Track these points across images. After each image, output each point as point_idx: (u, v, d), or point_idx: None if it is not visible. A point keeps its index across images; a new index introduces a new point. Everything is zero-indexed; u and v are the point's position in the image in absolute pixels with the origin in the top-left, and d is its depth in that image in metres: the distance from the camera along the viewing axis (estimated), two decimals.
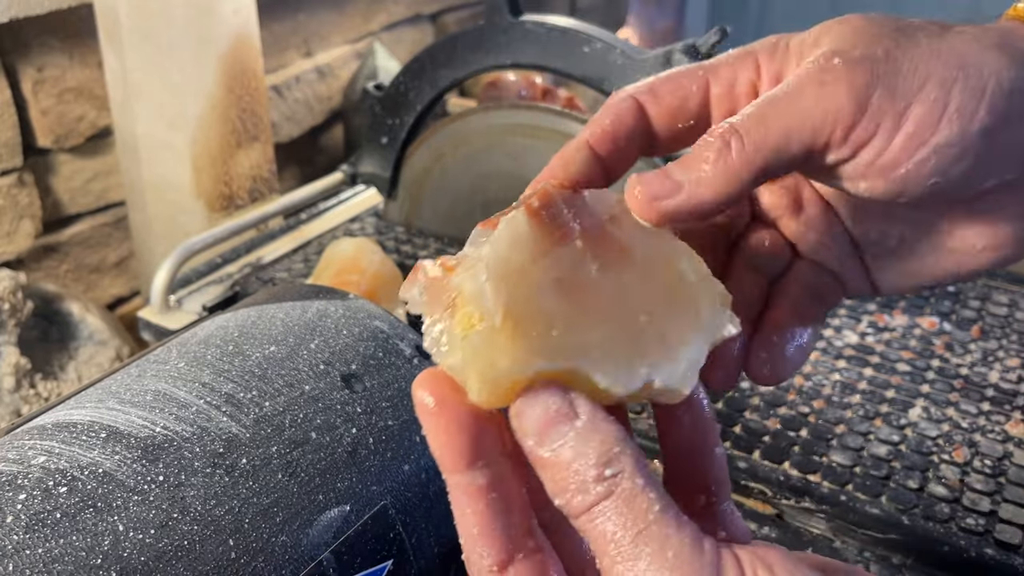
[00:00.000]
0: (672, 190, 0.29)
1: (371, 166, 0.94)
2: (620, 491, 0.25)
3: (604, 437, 0.26)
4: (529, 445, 0.26)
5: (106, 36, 0.90)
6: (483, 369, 0.27)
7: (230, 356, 0.46)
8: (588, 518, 0.25)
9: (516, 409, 0.27)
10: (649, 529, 0.24)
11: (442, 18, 1.52)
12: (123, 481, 0.38)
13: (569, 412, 0.26)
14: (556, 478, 0.26)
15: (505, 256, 0.28)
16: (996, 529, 0.56)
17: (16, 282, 0.78)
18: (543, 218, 0.29)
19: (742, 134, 0.29)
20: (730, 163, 0.29)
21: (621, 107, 0.32)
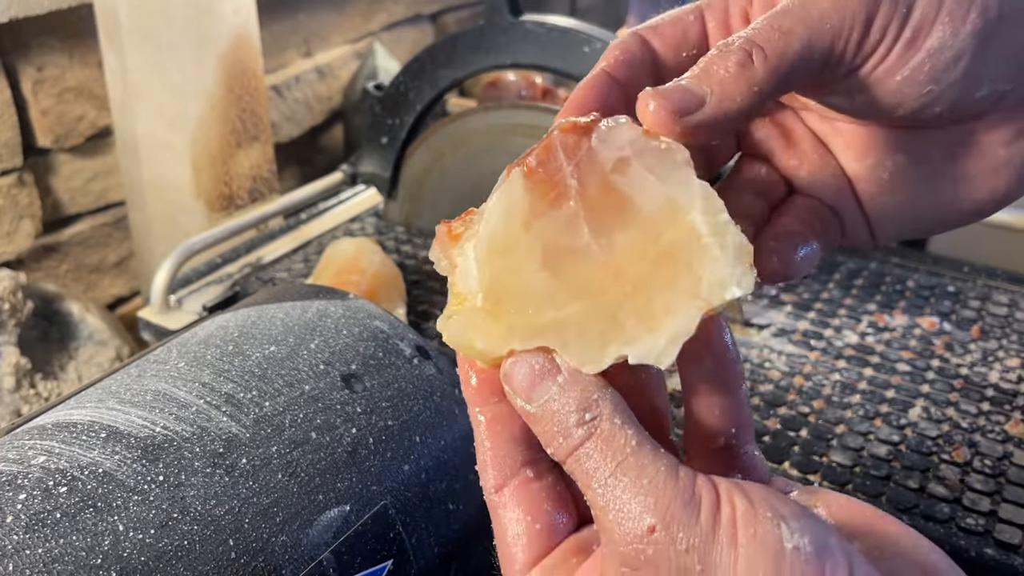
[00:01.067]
0: (695, 103, 0.29)
1: (371, 166, 0.94)
2: (599, 432, 0.27)
3: (584, 386, 0.28)
4: (519, 404, 0.28)
5: (106, 36, 0.90)
6: (465, 348, 0.29)
7: (230, 356, 0.46)
8: (573, 460, 0.27)
9: (504, 373, 0.29)
10: (626, 461, 0.26)
11: (442, 18, 1.52)
12: (123, 481, 0.38)
13: (551, 368, 0.28)
14: (544, 430, 0.28)
15: (495, 230, 0.29)
16: (996, 529, 0.56)
17: (16, 282, 0.78)
18: (539, 178, 0.29)
19: (763, 45, 0.28)
20: (753, 73, 0.28)
21: (627, 41, 0.33)
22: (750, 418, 0.32)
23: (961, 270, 0.86)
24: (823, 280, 0.85)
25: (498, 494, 0.31)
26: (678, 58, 0.32)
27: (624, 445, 0.26)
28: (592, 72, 0.32)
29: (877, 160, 0.33)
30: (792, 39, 0.28)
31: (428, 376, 0.50)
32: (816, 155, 0.35)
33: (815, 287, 0.84)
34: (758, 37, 0.29)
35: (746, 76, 0.29)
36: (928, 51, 0.29)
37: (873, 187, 0.34)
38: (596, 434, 0.27)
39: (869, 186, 0.34)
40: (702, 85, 0.29)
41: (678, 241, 0.28)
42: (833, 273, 0.86)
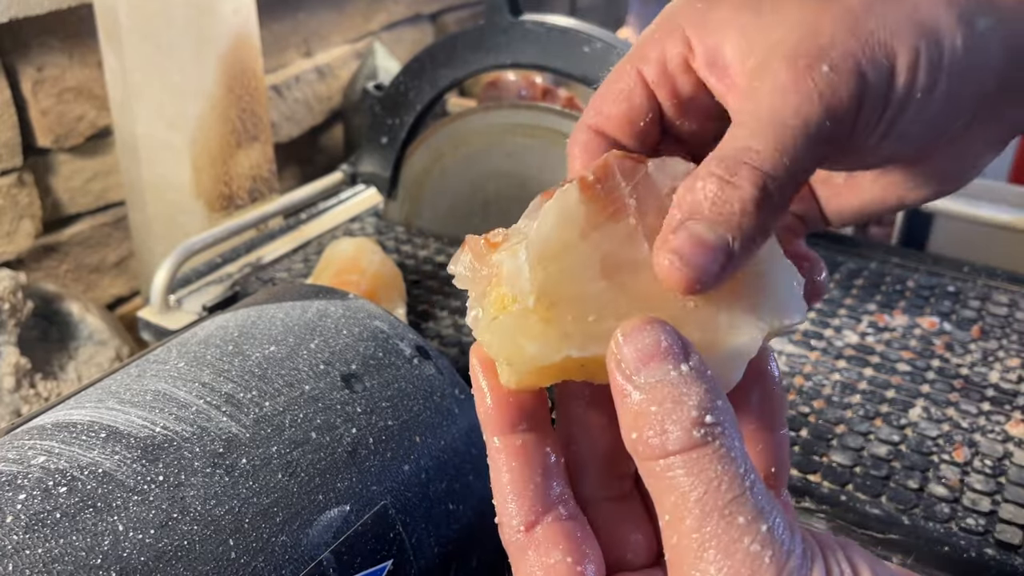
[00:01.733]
0: (723, 260, 0.26)
1: (371, 166, 0.94)
2: (719, 445, 0.23)
3: (710, 387, 0.24)
4: (618, 380, 0.25)
5: (106, 36, 0.90)
6: (511, 354, 0.27)
7: (230, 356, 0.46)
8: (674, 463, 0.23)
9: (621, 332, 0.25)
10: (745, 496, 0.23)
11: (442, 18, 1.52)
12: (123, 481, 0.38)
13: (680, 352, 0.25)
14: (644, 411, 0.24)
15: (549, 234, 0.27)
16: (996, 529, 0.56)
17: (16, 282, 0.78)
18: (597, 192, 0.27)
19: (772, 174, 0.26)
20: (773, 205, 0.26)
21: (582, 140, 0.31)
22: (788, 461, 0.31)
23: (961, 270, 0.86)
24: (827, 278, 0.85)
25: (527, 533, 0.27)
26: (635, 130, 0.31)
27: (744, 476, 0.23)
28: None
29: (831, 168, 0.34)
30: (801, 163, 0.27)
31: (428, 376, 0.50)
32: None
33: None
34: (767, 164, 0.26)
35: (764, 211, 0.26)
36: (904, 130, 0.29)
37: (829, 190, 0.35)
38: (714, 447, 0.23)
39: (825, 189, 0.35)
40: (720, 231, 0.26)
41: None
42: (833, 273, 0.86)
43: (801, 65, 0.27)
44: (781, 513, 0.23)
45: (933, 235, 0.99)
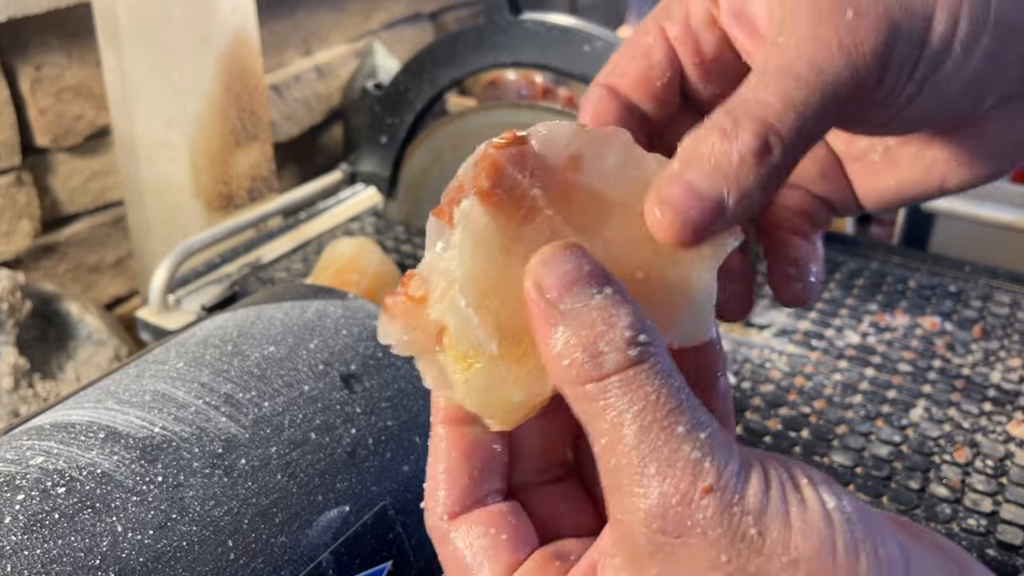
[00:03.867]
0: (714, 211, 0.25)
1: (371, 165, 0.94)
2: (654, 361, 0.23)
3: (635, 309, 0.23)
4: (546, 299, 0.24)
5: (105, 35, 0.90)
6: (497, 405, 0.25)
7: (229, 356, 0.45)
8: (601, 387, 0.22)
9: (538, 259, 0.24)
10: (682, 407, 0.22)
11: (442, 17, 1.52)
12: (121, 482, 0.37)
13: (601, 277, 0.24)
14: (573, 337, 0.23)
15: (474, 268, 0.25)
16: (998, 530, 0.56)
17: (14, 282, 0.78)
18: (499, 198, 0.25)
19: (779, 128, 0.25)
20: (773, 161, 0.25)
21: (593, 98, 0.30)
22: (732, 409, 0.30)
23: (963, 270, 0.86)
24: (824, 280, 0.85)
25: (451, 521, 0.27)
26: (651, 91, 0.30)
27: (680, 389, 0.23)
28: None
29: (869, 143, 0.32)
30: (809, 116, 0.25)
31: None
32: None
33: None
34: (771, 115, 0.25)
35: (764, 166, 0.25)
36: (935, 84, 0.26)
37: (863, 167, 0.32)
38: (650, 363, 0.22)
39: (860, 166, 0.32)
40: (716, 183, 0.25)
41: None
42: (834, 273, 0.86)
43: (824, 10, 0.25)
44: (717, 425, 0.23)
45: (934, 235, 0.99)
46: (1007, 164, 0.30)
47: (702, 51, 0.29)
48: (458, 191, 0.26)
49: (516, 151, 0.26)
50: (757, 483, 0.22)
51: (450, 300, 0.25)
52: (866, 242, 0.93)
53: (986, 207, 0.89)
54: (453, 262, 0.25)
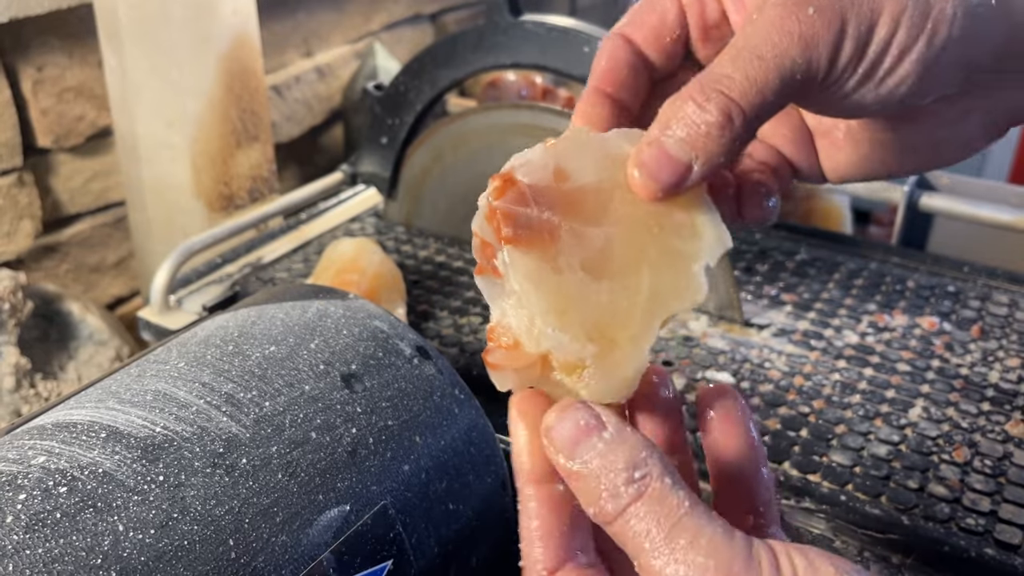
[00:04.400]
0: (682, 173, 0.30)
1: (371, 166, 0.94)
2: (650, 491, 0.26)
3: (632, 444, 0.27)
4: (560, 461, 0.28)
5: (106, 36, 0.90)
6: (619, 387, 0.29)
7: (230, 356, 0.46)
8: (622, 520, 0.26)
9: (545, 426, 0.28)
10: (681, 522, 0.25)
11: (442, 18, 1.52)
12: (123, 481, 0.38)
13: (597, 424, 0.27)
14: (588, 488, 0.27)
15: (540, 298, 0.29)
16: (996, 529, 0.56)
17: (16, 282, 0.78)
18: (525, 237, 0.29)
19: (739, 101, 0.29)
20: (733, 131, 0.29)
21: (610, 45, 0.34)
22: (775, 497, 0.33)
23: (961, 270, 0.86)
24: (823, 280, 0.85)
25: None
26: (661, 44, 0.34)
27: (677, 506, 0.26)
28: (584, 92, 0.34)
29: (833, 123, 0.36)
30: (767, 93, 0.29)
31: (428, 376, 0.50)
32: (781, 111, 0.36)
33: (815, 287, 0.84)
34: (733, 91, 0.29)
35: (727, 136, 0.29)
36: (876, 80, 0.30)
37: (828, 142, 0.36)
38: (648, 494, 0.26)
39: (826, 141, 0.36)
40: (684, 148, 0.29)
41: None
42: (833, 273, 0.86)
43: (791, 4, 0.29)
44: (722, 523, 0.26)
45: (933, 235, 0.99)
46: (948, 157, 0.35)
47: (706, 17, 0.34)
48: (485, 247, 0.30)
49: (514, 193, 0.30)
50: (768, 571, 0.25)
51: (538, 332, 0.29)
52: (865, 242, 0.93)
53: (985, 207, 0.89)
54: (521, 303, 0.30)
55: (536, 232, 0.29)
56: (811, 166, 0.37)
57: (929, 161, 0.35)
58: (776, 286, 0.84)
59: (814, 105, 0.32)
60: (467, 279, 0.85)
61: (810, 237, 0.93)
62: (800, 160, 0.37)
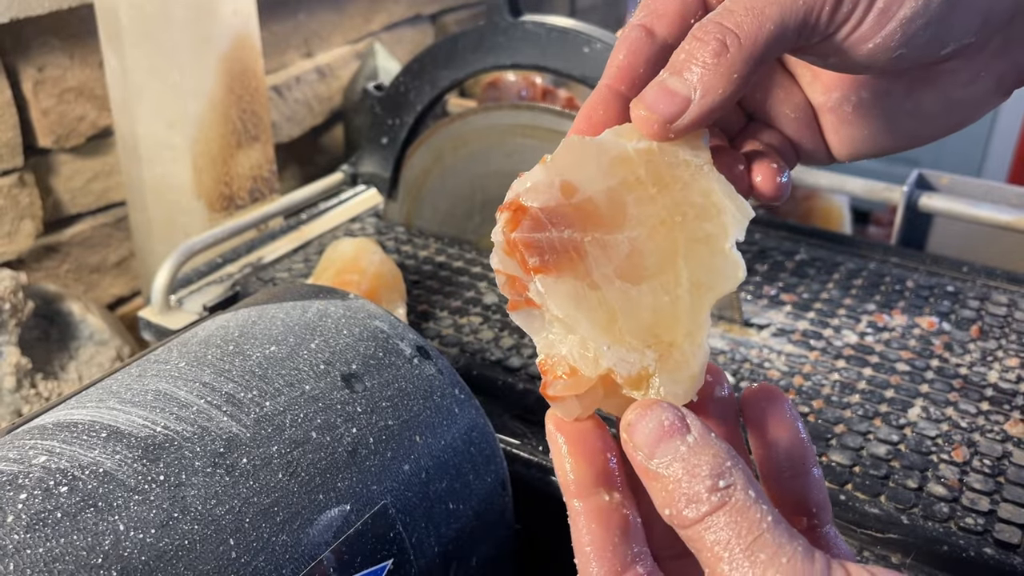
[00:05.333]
0: (681, 106, 0.29)
1: (371, 166, 0.94)
2: (734, 502, 0.26)
3: (716, 451, 0.26)
4: (639, 458, 0.27)
5: (106, 36, 0.90)
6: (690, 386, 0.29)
7: (231, 356, 0.46)
8: (702, 527, 0.26)
9: (627, 422, 0.27)
10: (763, 537, 0.25)
11: (442, 18, 1.53)
12: (124, 481, 0.38)
13: (682, 427, 0.27)
14: (667, 489, 0.26)
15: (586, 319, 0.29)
16: (995, 528, 0.56)
17: (17, 282, 0.78)
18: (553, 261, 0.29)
19: (735, 30, 0.29)
20: (731, 61, 0.29)
21: (631, 37, 0.32)
22: (828, 498, 0.33)
23: (960, 270, 0.87)
24: (822, 280, 0.85)
25: None
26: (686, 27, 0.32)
27: (760, 520, 0.26)
28: (597, 89, 0.33)
29: (843, 94, 0.34)
30: (765, 21, 0.29)
31: (428, 376, 0.50)
32: (781, 89, 0.35)
33: (814, 287, 0.84)
34: (730, 21, 0.29)
35: (724, 66, 0.29)
36: (900, 20, 0.29)
37: (837, 117, 0.35)
38: (730, 504, 0.26)
39: (834, 116, 0.35)
40: (685, 82, 0.29)
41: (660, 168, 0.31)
42: (832, 273, 0.86)
43: None
44: (802, 542, 0.25)
45: (932, 235, 0.99)
46: (966, 118, 0.34)
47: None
48: (513, 282, 0.30)
49: (529, 220, 0.29)
50: None
51: (595, 354, 0.29)
52: (864, 242, 0.93)
53: (984, 207, 0.89)
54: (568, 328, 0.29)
55: (562, 254, 0.29)
56: (816, 145, 0.36)
57: (941, 127, 0.34)
58: (776, 286, 0.84)
59: (825, 54, 0.31)
60: (467, 279, 0.85)
61: (810, 237, 0.93)
62: (804, 140, 0.36)
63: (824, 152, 0.36)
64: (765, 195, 0.34)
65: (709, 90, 0.29)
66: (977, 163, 1.85)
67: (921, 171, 0.99)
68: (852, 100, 0.34)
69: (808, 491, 0.32)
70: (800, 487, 0.32)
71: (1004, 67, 0.32)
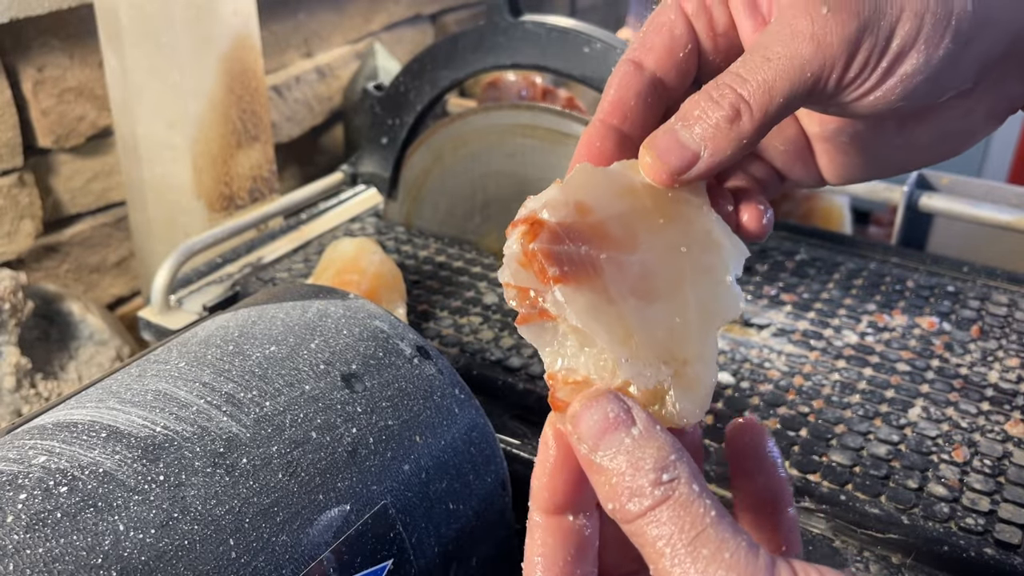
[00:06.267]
0: (690, 161, 0.31)
1: (371, 166, 0.94)
2: (677, 495, 0.25)
3: (661, 444, 0.26)
4: (583, 451, 0.27)
5: (106, 36, 0.90)
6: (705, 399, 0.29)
7: (230, 356, 0.46)
8: (644, 522, 0.25)
9: (572, 413, 0.27)
10: (706, 532, 0.25)
11: (442, 18, 1.52)
12: (123, 481, 0.38)
13: (626, 419, 0.27)
14: (611, 483, 0.26)
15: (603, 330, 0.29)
16: (996, 529, 0.56)
17: (17, 282, 0.78)
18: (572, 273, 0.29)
19: (749, 101, 0.30)
20: (742, 129, 0.30)
21: (620, 72, 0.33)
22: (799, 536, 0.33)
23: (961, 270, 0.86)
24: (823, 280, 0.85)
25: None
26: (674, 61, 0.34)
27: (703, 515, 0.25)
28: (591, 125, 0.34)
29: (839, 127, 0.35)
30: (775, 94, 0.30)
31: (428, 376, 0.50)
32: None
33: (815, 287, 0.84)
34: (744, 90, 0.30)
35: (735, 132, 0.30)
36: (901, 76, 0.30)
37: (833, 147, 0.36)
38: (674, 498, 0.25)
39: (829, 145, 0.36)
40: (695, 139, 0.31)
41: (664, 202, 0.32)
42: (833, 273, 0.86)
43: (805, 5, 0.29)
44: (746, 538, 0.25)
45: (933, 235, 0.99)
46: (958, 148, 0.35)
47: (715, 26, 0.33)
48: (524, 294, 0.30)
49: (547, 232, 0.30)
50: None
51: (612, 366, 0.29)
52: (864, 242, 0.93)
53: (984, 207, 0.89)
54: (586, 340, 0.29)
55: (581, 266, 0.29)
56: (806, 175, 0.37)
57: (934, 156, 0.35)
58: (776, 286, 0.84)
59: (830, 106, 0.32)
60: (467, 279, 0.85)
61: (810, 237, 0.93)
62: (794, 171, 0.37)
63: (815, 178, 0.37)
64: (751, 234, 0.35)
65: (718, 151, 0.30)
66: (977, 163, 1.85)
67: (921, 171, 0.99)
68: (848, 132, 0.35)
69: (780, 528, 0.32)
70: (773, 524, 0.32)
71: (996, 100, 0.33)
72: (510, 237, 0.30)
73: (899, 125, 0.34)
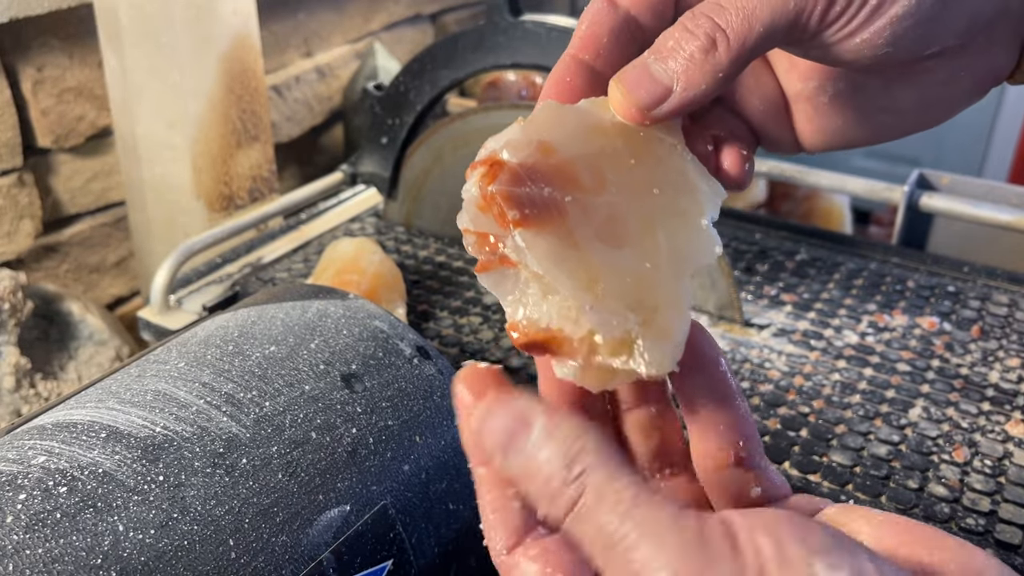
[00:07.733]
0: (661, 95, 0.29)
1: (371, 166, 0.94)
2: (591, 486, 0.24)
3: (563, 436, 0.25)
4: (498, 464, 0.26)
5: (106, 36, 0.90)
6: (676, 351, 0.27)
7: (230, 356, 0.46)
8: (570, 524, 0.24)
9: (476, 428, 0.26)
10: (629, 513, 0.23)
11: (442, 18, 1.52)
12: (123, 481, 0.38)
13: (524, 420, 0.25)
14: (531, 491, 0.25)
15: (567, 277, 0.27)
16: (996, 529, 0.56)
17: (16, 282, 0.78)
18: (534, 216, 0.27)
19: (725, 29, 0.28)
20: (717, 60, 0.29)
21: (594, 8, 0.32)
22: (756, 431, 0.31)
23: (961, 270, 0.86)
24: (823, 280, 0.85)
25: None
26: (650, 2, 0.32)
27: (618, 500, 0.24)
28: (560, 60, 0.32)
29: (820, 84, 0.34)
30: (755, 23, 0.28)
31: (428, 376, 0.50)
32: (752, 78, 0.35)
33: (815, 287, 0.84)
34: (721, 18, 0.29)
35: (709, 63, 0.29)
36: (890, 18, 0.29)
37: (812, 107, 0.35)
38: (588, 490, 0.24)
39: (808, 106, 0.35)
40: (668, 71, 0.29)
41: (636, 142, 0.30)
42: (833, 273, 0.86)
43: None
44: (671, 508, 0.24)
45: (933, 235, 0.99)
46: (940, 117, 0.34)
47: None
48: (483, 240, 0.28)
49: (507, 174, 0.28)
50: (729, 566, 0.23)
51: (576, 313, 0.27)
52: (865, 242, 0.93)
53: (985, 207, 0.89)
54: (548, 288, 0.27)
55: (544, 209, 0.27)
56: (782, 136, 0.35)
57: (915, 124, 0.34)
58: (776, 286, 0.84)
59: (811, 48, 0.31)
60: (467, 279, 0.85)
61: (810, 237, 0.93)
62: (770, 130, 0.35)
63: (791, 142, 0.35)
64: (731, 178, 0.33)
65: (691, 85, 0.29)
66: (978, 163, 1.85)
67: (922, 171, 0.99)
68: (828, 91, 0.34)
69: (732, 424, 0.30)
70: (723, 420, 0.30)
71: (982, 68, 0.32)
72: (469, 180, 0.29)
73: (883, 85, 0.33)
